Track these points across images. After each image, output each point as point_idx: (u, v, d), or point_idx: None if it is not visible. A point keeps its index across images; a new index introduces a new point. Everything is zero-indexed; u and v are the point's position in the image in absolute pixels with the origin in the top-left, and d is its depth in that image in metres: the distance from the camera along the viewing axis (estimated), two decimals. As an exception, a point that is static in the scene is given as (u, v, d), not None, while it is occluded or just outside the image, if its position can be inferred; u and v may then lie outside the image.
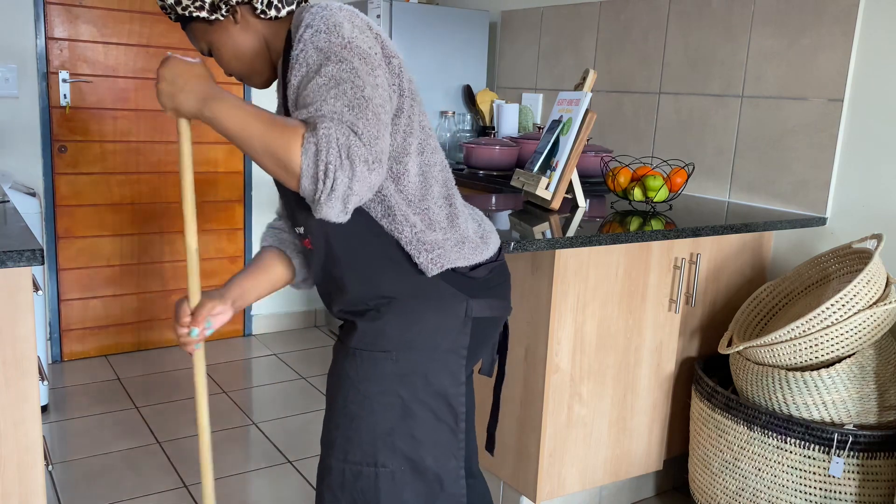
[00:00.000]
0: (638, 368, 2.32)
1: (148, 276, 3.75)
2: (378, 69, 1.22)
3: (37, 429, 1.51)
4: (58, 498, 2.44)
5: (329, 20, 1.20)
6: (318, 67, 1.17)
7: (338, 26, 1.20)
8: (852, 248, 2.23)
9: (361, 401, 1.36)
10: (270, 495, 2.53)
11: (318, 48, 1.18)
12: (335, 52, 1.17)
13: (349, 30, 1.21)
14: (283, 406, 3.21)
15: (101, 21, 3.44)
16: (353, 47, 1.19)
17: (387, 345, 1.34)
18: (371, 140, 1.12)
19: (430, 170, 1.35)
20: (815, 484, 2.00)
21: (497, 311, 1.44)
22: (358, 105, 1.14)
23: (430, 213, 1.34)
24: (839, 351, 1.97)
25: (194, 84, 1.21)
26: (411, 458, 1.37)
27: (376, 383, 1.35)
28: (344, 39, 1.19)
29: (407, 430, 1.36)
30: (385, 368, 1.34)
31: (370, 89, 1.17)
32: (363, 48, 1.21)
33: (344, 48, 1.18)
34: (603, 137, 3.26)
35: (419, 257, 1.31)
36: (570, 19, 3.38)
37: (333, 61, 1.17)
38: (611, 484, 2.43)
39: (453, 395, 1.38)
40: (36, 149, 3.37)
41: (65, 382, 3.35)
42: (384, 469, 1.36)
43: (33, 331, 1.48)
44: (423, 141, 1.35)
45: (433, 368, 1.36)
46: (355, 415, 1.37)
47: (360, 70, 1.17)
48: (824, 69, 2.43)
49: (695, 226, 2.19)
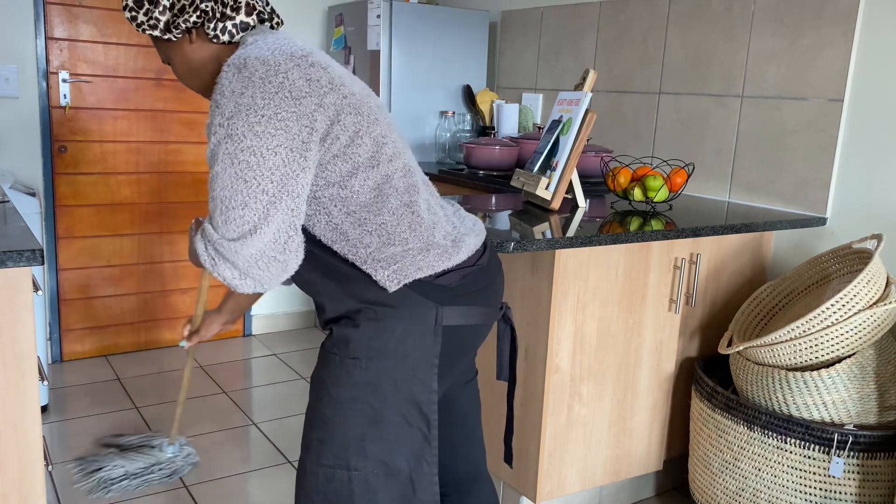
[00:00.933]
0: (638, 368, 2.32)
1: (148, 276, 3.75)
2: (274, 123, 1.21)
3: (37, 429, 1.51)
4: (58, 498, 2.44)
5: (231, 80, 1.23)
6: (211, 154, 1.24)
7: (231, 94, 1.22)
8: (852, 248, 2.23)
9: (334, 405, 1.36)
10: (270, 495, 2.53)
11: (220, 116, 1.23)
12: (223, 132, 1.21)
13: (238, 95, 1.21)
14: (283, 406, 3.21)
15: (101, 21, 3.44)
16: (240, 118, 1.20)
17: (356, 352, 1.34)
18: (234, 224, 1.22)
19: (387, 181, 1.33)
20: (815, 484, 2.00)
21: (474, 319, 1.41)
22: (234, 194, 1.21)
23: (387, 226, 1.33)
24: (839, 351, 1.97)
25: None
26: (384, 461, 1.37)
27: (347, 389, 1.35)
28: (224, 117, 1.21)
29: (378, 435, 1.36)
30: (355, 375, 1.35)
31: (252, 167, 1.21)
32: (254, 109, 1.21)
33: (229, 126, 1.21)
34: (603, 137, 3.26)
35: (377, 275, 1.32)
36: (570, 19, 3.38)
37: (221, 151, 1.22)
38: (611, 484, 2.43)
39: (425, 403, 1.38)
40: (36, 149, 3.37)
41: (65, 382, 3.35)
42: (357, 472, 1.36)
43: (33, 331, 1.48)
44: (375, 153, 1.32)
45: (402, 376, 1.35)
46: (328, 418, 1.37)
47: (242, 148, 1.21)
48: (824, 69, 2.43)
49: (695, 226, 2.19)
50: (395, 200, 1.34)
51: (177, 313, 3.87)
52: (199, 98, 3.74)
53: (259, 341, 4.02)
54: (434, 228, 1.38)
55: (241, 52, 1.27)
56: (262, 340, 4.03)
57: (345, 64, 3.76)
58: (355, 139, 1.30)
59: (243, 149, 1.21)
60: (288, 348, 3.92)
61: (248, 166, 1.21)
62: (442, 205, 1.48)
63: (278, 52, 1.26)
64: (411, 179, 1.38)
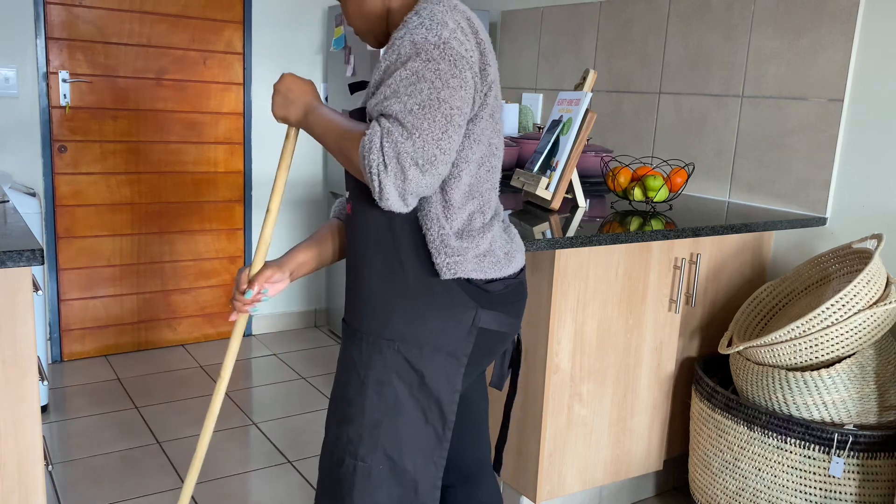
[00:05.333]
0: (638, 368, 2.32)
1: (148, 276, 3.75)
2: (467, 72, 1.26)
3: (37, 429, 1.51)
4: (58, 498, 2.44)
5: (435, 16, 1.26)
6: (406, 59, 1.23)
7: (440, 25, 1.25)
8: (852, 248, 2.23)
9: (359, 386, 1.38)
10: (270, 495, 2.53)
11: (414, 41, 1.24)
12: (427, 49, 1.23)
13: (450, 30, 1.25)
14: (283, 406, 3.21)
15: (101, 21, 3.44)
16: (447, 48, 1.24)
17: (392, 334, 1.36)
18: (430, 141, 1.20)
19: (479, 185, 1.38)
20: (815, 484, 2.00)
21: (505, 327, 1.45)
22: (429, 105, 1.20)
23: (462, 221, 1.36)
24: (839, 351, 1.97)
25: (302, 98, 1.39)
26: (392, 457, 1.38)
27: (376, 371, 1.37)
28: (440, 39, 1.24)
29: (393, 426, 1.37)
30: (387, 357, 1.36)
31: (448, 91, 1.22)
32: (457, 51, 1.25)
33: (436, 47, 1.23)
34: (603, 137, 3.26)
35: (437, 258, 1.34)
36: (570, 19, 3.38)
37: (422, 58, 1.22)
38: (611, 484, 2.43)
39: (446, 402, 1.39)
40: (36, 149, 3.37)
41: (65, 382, 3.35)
42: (362, 464, 1.37)
43: (33, 331, 1.48)
44: (484, 157, 1.37)
45: (431, 369, 1.37)
46: (350, 399, 1.39)
47: (444, 72, 1.22)
48: (824, 69, 2.43)
49: (695, 226, 2.19)
50: (476, 204, 1.38)
51: (177, 313, 3.87)
52: (199, 98, 3.74)
53: (259, 341, 4.02)
54: (496, 241, 1.43)
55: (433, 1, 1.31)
56: (262, 340, 4.03)
57: (345, 64, 3.76)
58: (483, 134, 1.35)
59: (454, 73, 1.25)
60: (288, 348, 3.92)
61: (458, 89, 1.24)
62: (506, 221, 1.54)
63: (468, 17, 1.34)
64: (494, 196, 1.45)
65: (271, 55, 3.92)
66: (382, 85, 1.26)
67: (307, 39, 4.03)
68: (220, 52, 3.77)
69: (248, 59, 3.85)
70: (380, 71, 1.29)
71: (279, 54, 3.93)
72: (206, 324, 3.97)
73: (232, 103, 3.85)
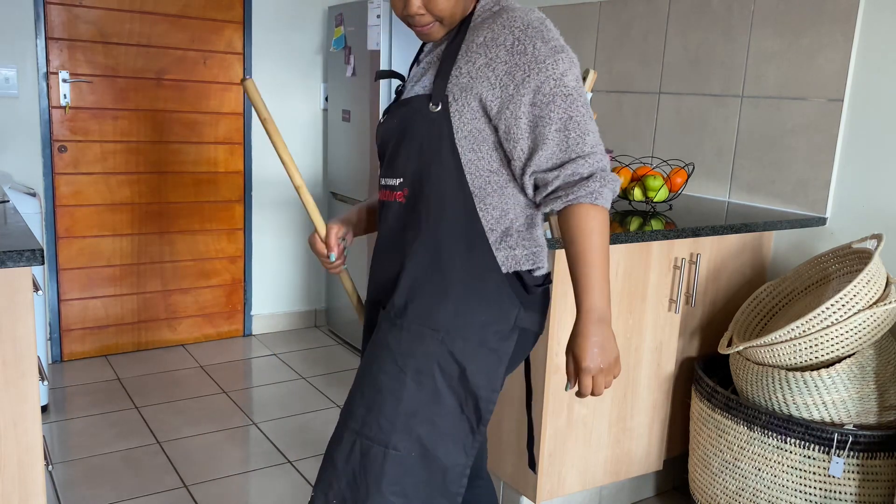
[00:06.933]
0: (638, 368, 2.32)
1: (148, 276, 3.75)
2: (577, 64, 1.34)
3: (37, 429, 1.51)
4: (58, 498, 2.44)
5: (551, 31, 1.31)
6: (559, 80, 1.29)
7: (556, 37, 1.31)
8: (852, 248, 2.23)
9: (396, 374, 1.35)
10: (270, 495, 2.53)
11: (557, 58, 1.29)
12: (568, 67, 1.30)
13: (556, 32, 1.33)
14: (283, 406, 3.21)
15: (101, 21, 3.45)
16: (574, 60, 1.32)
17: (437, 324, 1.34)
18: (597, 139, 1.35)
19: None
20: (815, 484, 2.00)
21: (538, 328, 1.45)
22: (590, 116, 1.32)
23: (526, 216, 1.40)
24: (839, 351, 1.97)
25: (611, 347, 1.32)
26: (425, 445, 1.35)
27: (416, 360, 1.34)
28: (569, 54, 1.31)
29: (430, 415, 1.35)
30: (430, 347, 1.34)
31: (585, 98, 1.33)
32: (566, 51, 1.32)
33: (571, 63, 1.31)
34: (603, 137, 3.24)
35: (498, 250, 1.36)
36: (570, 19, 3.38)
37: (570, 75, 1.30)
38: (611, 484, 2.43)
39: (484, 399, 1.37)
40: (36, 149, 3.37)
41: (65, 382, 3.35)
42: (395, 452, 1.35)
43: (33, 331, 1.48)
44: None
45: (474, 364, 1.35)
46: (384, 387, 1.36)
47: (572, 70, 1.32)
48: (824, 69, 2.43)
49: (695, 226, 2.19)
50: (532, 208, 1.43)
51: (177, 313, 3.87)
52: (199, 98, 3.74)
53: (259, 341, 4.02)
54: (541, 234, 1.46)
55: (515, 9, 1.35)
56: (262, 340, 4.03)
57: (345, 64, 3.77)
58: None
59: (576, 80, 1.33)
60: (288, 348, 3.92)
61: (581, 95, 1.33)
62: None
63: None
64: None
65: (271, 55, 3.92)
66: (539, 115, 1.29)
67: (307, 39, 4.03)
68: (220, 52, 3.77)
69: (248, 59, 3.85)
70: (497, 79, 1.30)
71: (279, 54, 3.93)
72: (206, 324, 3.97)
73: (232, 103, 3.85)
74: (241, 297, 4.05)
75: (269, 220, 4.06)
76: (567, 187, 1.29)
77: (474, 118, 1.31)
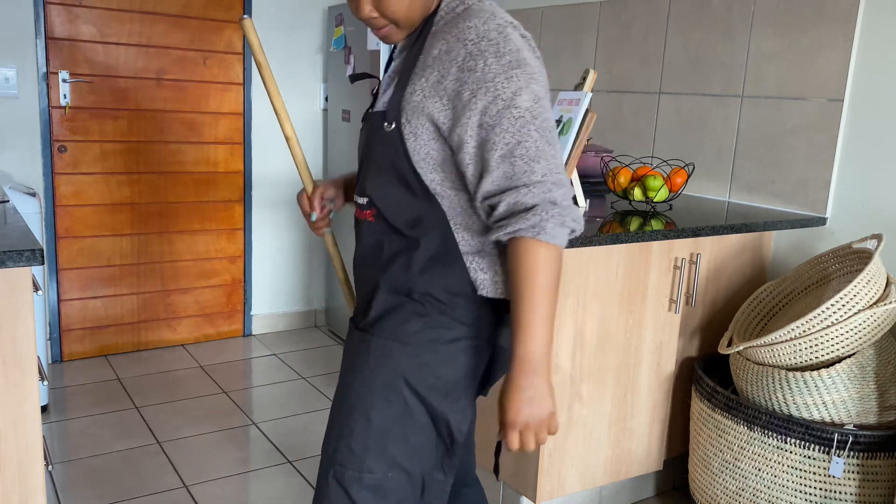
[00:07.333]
0: (638, 368, 2.32)
1: (148, 276, 3.75)
2: (544, 78, 1.24)
3: (37, 429, 1.51)
4: (58, 498, 2.44)
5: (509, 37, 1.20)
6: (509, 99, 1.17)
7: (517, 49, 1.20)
8: (852, 248, 2.23)
9: (365, 392, 1.30)
10: (270, 495, 2.53)
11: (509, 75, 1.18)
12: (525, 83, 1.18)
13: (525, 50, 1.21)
14: (283, 406, 3.21)
15: (101, 21, 3.44)
16: (534, 71, 1.20)
17: (406, 337, 1.28)
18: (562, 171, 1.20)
19: None
20: (815, 484, 2.00)
21: None
22: (551, 139, 1.19)
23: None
24: (839, 351, 1.97)
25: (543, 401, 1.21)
26: (400, 464, 1.31)
27: (384, 372, 1.29)
28: (531, 67, 1.19)
29: (402, 432, 1.30)
30: (398, 360, 1.29)
31: (548, 115, 1.21)
32: (537, 69, 1.22)
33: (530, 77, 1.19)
34: (603, 137, 3.26)
35: (476, 272, 1.28)
36: (570, 19, 3.38)
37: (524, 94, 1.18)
38: (611, 484, 2.43)
39: (454, 423, 1.31)
40: (36, 149, 3.37)
41: (65, 382, 3.35)
42: (370, 475, 1.31)
43: (33, 331, 1.48)
44: None
45: (444, 378, 1.29)
46: (355, 406, 1.32)
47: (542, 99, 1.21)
48: (824, 69, 2.43)
49: (695, 226, 2.19)
50: None
51: (177, 313, 3.87)
52: (199, 98, 3.74)
53: (259, 341, 4.02)
54: None
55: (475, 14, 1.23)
56: (262, 340, 4.03)
57: (345, 64, 3.76)
58: None
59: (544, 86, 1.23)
60: (288, 348, 3.92)
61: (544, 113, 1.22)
62: None
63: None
64: None
65: (271, 55, 3.91)
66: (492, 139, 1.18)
67: (307, 39, 4.03)
68: (220, 52, 3.77)
69: (248, 59, 3.85)
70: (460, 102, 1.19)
71: (279, 54, 3.93)
72: (206, 324, 3.97)
73: (232, 103, 3.85)
74: (240, 297, 4.05)
75: (269, 219, 4.06)
76: (509, 217, 1.19)
77: (431, 139, 1.23)
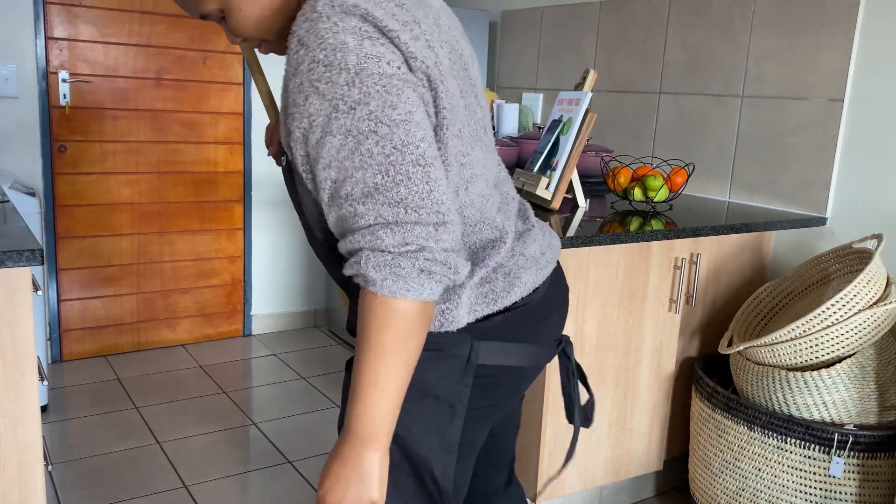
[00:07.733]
0: (638, 368, 2.32)
1: (148, 277, 3.75)
2: (406, 88, 0.95)
3: (37, 429, 1.51)
4: (58, 498, 2.44)
5: (326, 40, 0.93)
6: (324, 125, 0.94)
7: (339, 49, 0.93)
8: (852, 248, 2.23)
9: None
10: (270, 495, 2.53)
11: (319, 91, 0.93)
12: (340, 96, 0.93)
13: (355, 50, 0.93)
14: (283, 406, 3.21)
15: (101, 21, 3.44)
16: (364, 77, 0.93)
17: None
18: (421, 203, 0.93)
19: (462, 210, 1.08)
20: (816, 484, 2.00)
21: (517, 360, 1.13)
22: (391, 168, 0.92)
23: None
24: (839, 351, 1.97)
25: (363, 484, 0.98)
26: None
27: None
28: (349, 73, 0.92)
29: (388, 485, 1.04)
30: None
31: (400, 131, 0.93)
32: (379, 70, 0.94)
33: (351, 85, 0.92)
34: (603, 137, 3.26)
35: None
36: (570, 19, 3.38)
37: (342, 111, 0.93)
38: (611, 484, 2.43)
39: (438, 468, 1.08)
40: (36, 149, 3.37)
41: (65, 382, 3.35)
42: None
43: (33, 331, 1.48)
44: (457, 175, 1.05)
45: (420, 421, 1.06)
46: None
47: (380, 111, 0.93)
48: (824, 69, 2.43)
49: (695, 226, 2.19)
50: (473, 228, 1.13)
51: (177, 313, 3.87)
52: (199, 98, 3.74)
53: (259, 341, 4.02)
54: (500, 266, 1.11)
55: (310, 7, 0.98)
56: (262, 340, 4.03)
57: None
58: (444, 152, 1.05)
59: (392, 103, 0.95)
60: (288, 348, 3.92)
61: (409, 116, 0.96)
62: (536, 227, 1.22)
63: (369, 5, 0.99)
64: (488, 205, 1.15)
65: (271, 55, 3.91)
66: (318, 166, 0.96)
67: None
68: (220, 52, 3.77)
69: (248, 59, 3.84)
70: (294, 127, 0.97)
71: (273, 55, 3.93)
72: (206, 324, 3.97)
73: (232, 103, 3.85)
74: (240, 296, 4.05)
75: (269, 219, 4.06)
76: (347, 264, 0.97)
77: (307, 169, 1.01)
